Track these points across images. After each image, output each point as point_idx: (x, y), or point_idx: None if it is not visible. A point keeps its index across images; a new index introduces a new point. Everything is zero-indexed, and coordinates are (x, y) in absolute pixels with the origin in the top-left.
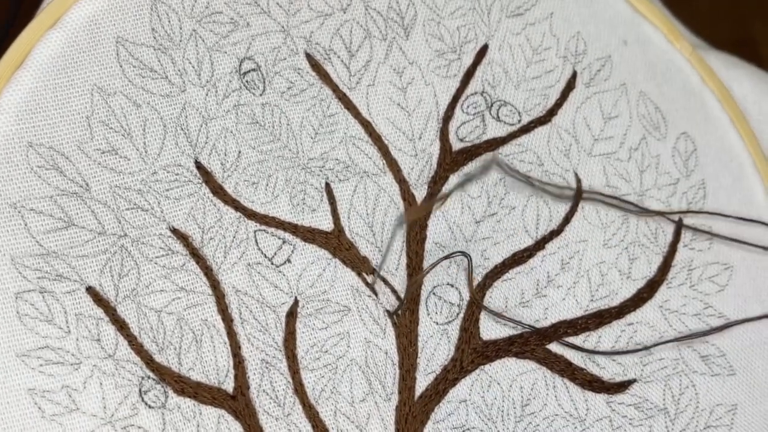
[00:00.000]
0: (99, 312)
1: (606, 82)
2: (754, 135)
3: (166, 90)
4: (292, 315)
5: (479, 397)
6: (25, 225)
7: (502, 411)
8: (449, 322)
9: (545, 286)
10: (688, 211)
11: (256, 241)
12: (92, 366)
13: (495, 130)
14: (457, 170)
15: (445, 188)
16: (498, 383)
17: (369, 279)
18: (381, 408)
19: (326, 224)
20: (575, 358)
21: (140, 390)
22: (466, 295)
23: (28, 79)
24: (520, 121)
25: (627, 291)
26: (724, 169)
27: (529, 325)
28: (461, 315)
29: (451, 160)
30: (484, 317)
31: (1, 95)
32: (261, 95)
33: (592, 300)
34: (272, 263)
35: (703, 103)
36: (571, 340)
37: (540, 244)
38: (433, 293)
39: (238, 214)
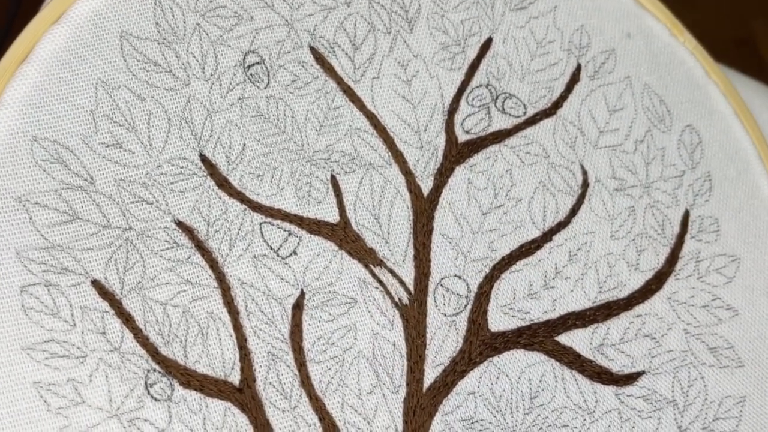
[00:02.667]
0: (104, 305)
1: (610, 75)
2: (757, 126)
3: (171, 83)
4: (298, 307)
5: (488, 389)
6: (30, 219)
7: (511, 403)
8: (457, 313)
9: (553, 277)
10: None
11: (261, 233)
12: (98, 359)
13: (500, 123)
14: (463, 162)
15: (451, 180)
16: (506, 375)
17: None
18: (389, 400)
19: (332, 216)
20: (584, 350)
21: (146, 383)
22: (474, 287)
23: (33, 74)
24: (525, 113)
25: (635, 282)
26: (729, 162)
27: None
28: (469, 306)
29: (457, 152)
30: (492, 308)
31: (6, 90)
32: (265, 88)
33: (600, 291)
34: (278, 255)
35: (708, 96)
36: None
37: (547, 236)
38: (441, 285)
39: (244, 206)
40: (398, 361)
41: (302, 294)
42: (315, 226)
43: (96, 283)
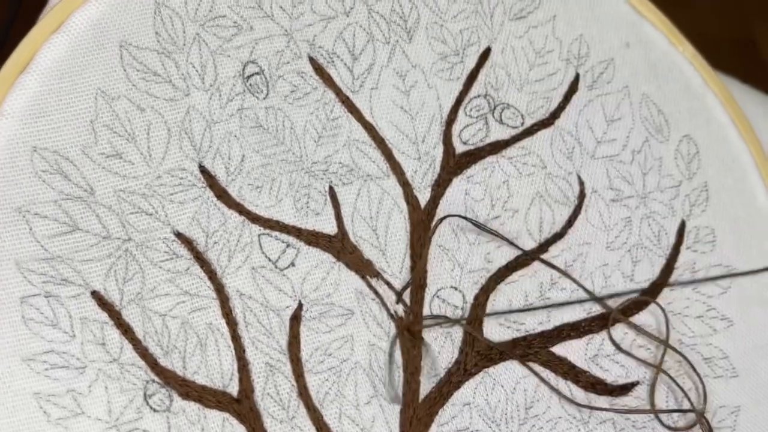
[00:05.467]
0: (104, 316)
1: (609, 85)
2: (755, 135)
3: (170, 94)
4: (296, 318)
5: (483, 400)
6: (30, 229)
7: (506, 414)
8: (453, 325)
9: (549, 288)
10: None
11: (260, 244)
12: (97, 370)
13: (498, 133)
14: (461, 173)
15: (448, 191)
16: (501, 386)
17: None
18: (386, 411)
19: (330, 228)
20: (579, 360)
21: (145, 394)
22: (470, 298)
23: (33, 84)
24: (523, 123)
25: (630, 293)
26: (726, 171)
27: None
28: (465, 317)
29: (454, 163)
30: (487, 319)
31: (6, 99)
32: (264, 99)
33: (595, 302)
34: (276, 267)
35: (705, 105)
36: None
37: (543, 247)
38: (437, 296)
39: (242, 217)
40: (394, 372)
41: (300, 305)
42: (313, 238)
43: (95, 294)
